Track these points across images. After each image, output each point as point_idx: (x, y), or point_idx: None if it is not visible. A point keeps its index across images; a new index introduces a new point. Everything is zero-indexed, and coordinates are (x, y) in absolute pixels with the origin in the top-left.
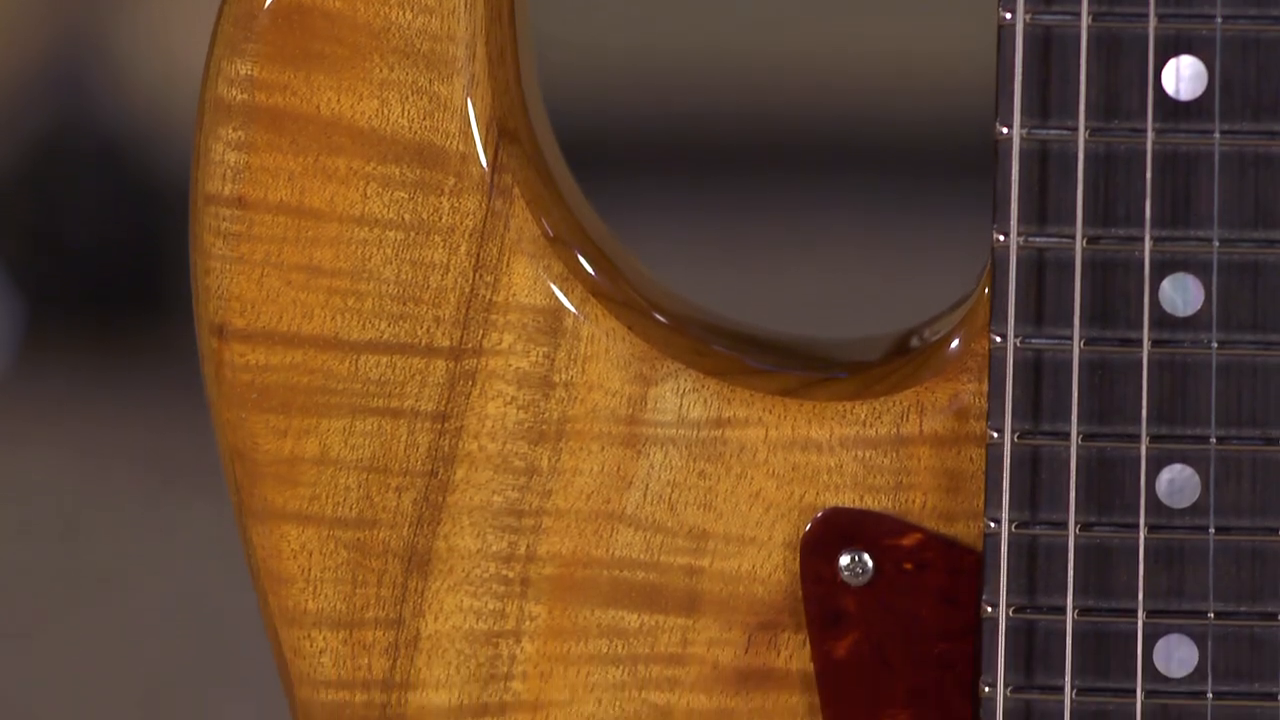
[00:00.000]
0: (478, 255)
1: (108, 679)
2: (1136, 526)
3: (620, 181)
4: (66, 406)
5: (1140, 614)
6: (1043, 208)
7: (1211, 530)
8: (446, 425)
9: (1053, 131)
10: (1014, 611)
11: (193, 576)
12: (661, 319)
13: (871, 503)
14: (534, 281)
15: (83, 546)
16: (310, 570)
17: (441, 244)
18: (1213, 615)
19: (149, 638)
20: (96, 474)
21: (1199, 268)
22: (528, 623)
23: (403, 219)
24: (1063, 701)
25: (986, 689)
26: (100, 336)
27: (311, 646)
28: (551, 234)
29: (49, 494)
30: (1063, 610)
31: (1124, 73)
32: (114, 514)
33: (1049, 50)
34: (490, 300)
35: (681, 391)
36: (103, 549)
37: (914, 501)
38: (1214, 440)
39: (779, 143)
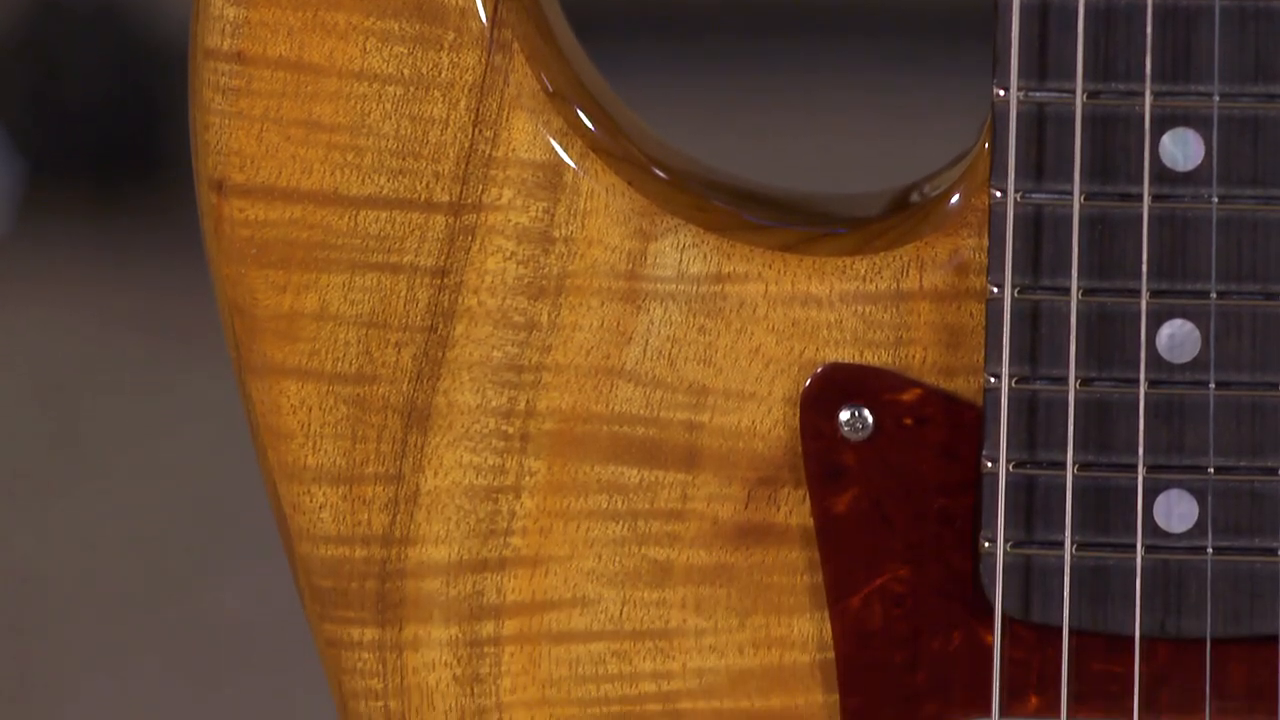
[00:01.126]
0: (477, 110)
1: (110, 542)
2: (1136, 381)
3: (619, 42)
4: (66, 269)
5: (1140, 469)
6: (1043, 62)
7: (1211, 385)
8: (446, 280)
9: None
10: (1014, 467)
11: (193, 438)
12: (661, 174)
13: (871, 358)
14: (533, 137)
15: (83, 409)
16: (309, 425)
17: (441, 99)
18: (1213, 470)
19: (150, 499)
20: (96, 337)
21: (1199, 122)
22: (527, 478)
23: (402, 74)
24: (1062, 557)
25: (986, 544)
26: (100, 198)
27: (311, 502)
28: (551, 89)
29: (49, 357)
30: (1063, 465)
31: None
32: (114, 376)
33: None
34: (490, 155)
35: (681, 246)
36: (103, 411)
37: (914, 357)
38: (1214, 295)
39: (779, 1)
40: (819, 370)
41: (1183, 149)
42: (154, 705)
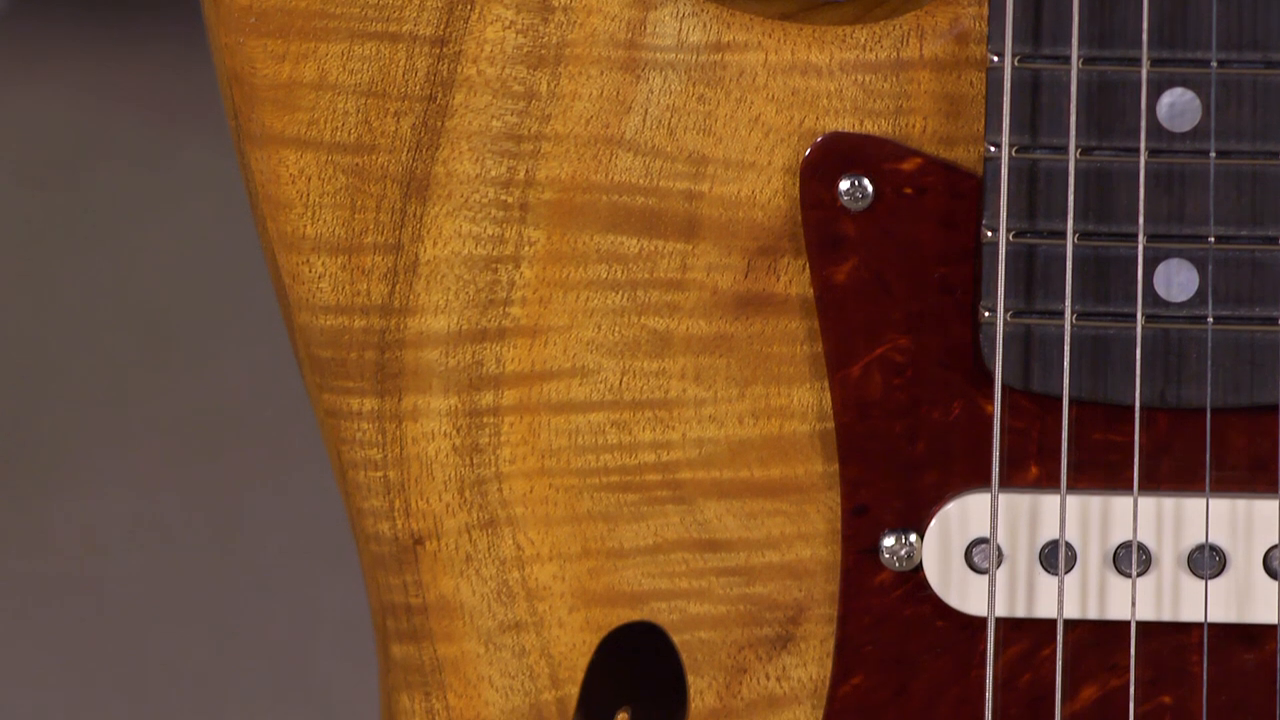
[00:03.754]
0: None
1: (110, 315)
2: (1137, 150)
3: None
4: (65, 45)
5: (1140, 238)
6: None
7: (1212, 154)
8: (445, 50)
9: None
10: (1014, 236)
11: (193, 212)
12: None
13: (871, 127)
14: None
15: (83, 186)
16: (309, 195)
17: None
18: (1213, 239)
19: (150, 273)
20: (96, 111)
21: None
22: (526, 248)
23: None
24: (1062, 326)
25: (986, 314)
26: None
27: (310, 272)
28: None
29: (49, 134)
30: (1063, 235)
31: None
32: (114, 151)
33: None
34: None
35: (680, 15)
36: (103, 188)
37: (914, 126)
38: (1215, 64)
39: None
40: (819, 139)
41: None
42: (155, 480)
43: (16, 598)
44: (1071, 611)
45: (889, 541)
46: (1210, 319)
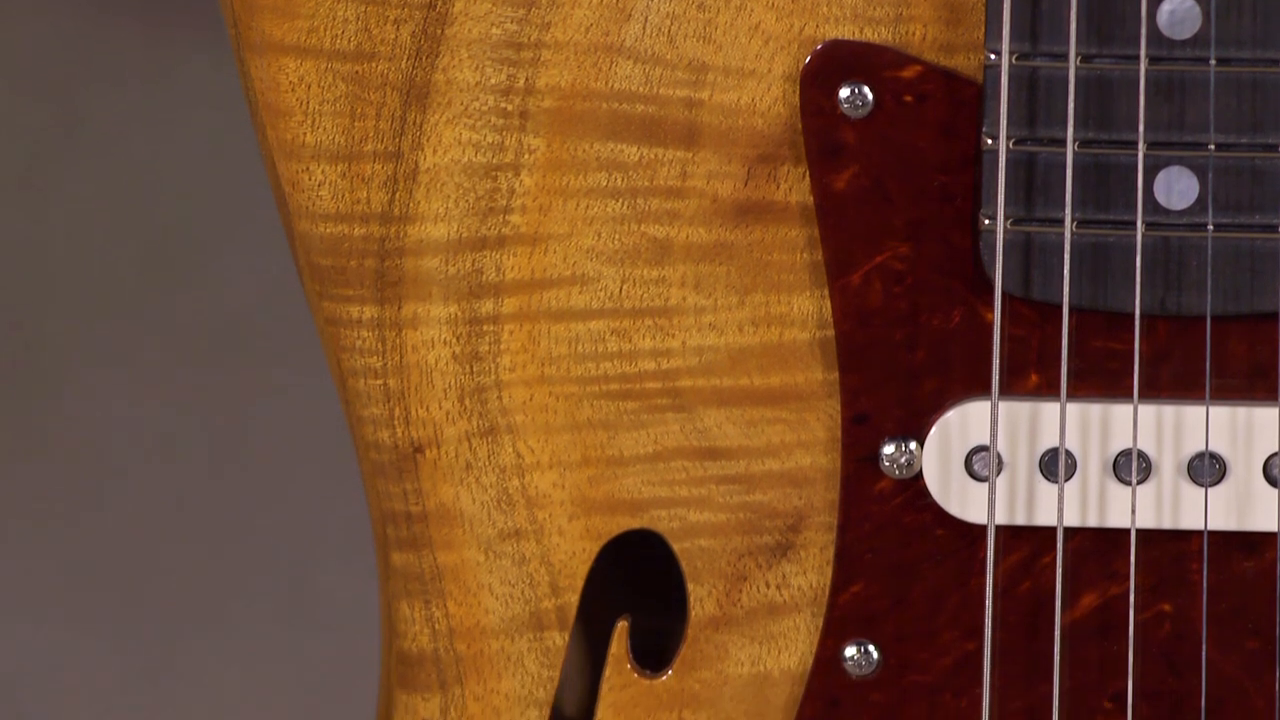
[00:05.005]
0: None
1: (110, 226)
2: (1137, 58)
3: None
4: None
5: (1141, 145)
6: None
7: (1212, 62)
8: None
9: None
10: (1014, 144)
11: (193, 122)
12: None
13: (871, 34)
14: None
15: (83, 98)
16: (308, 103)
17: None
18: (1213, 147)
19: (150, 186)
20: (96, 25)
21: None
22: (526, 156)
23: None
24: (1062, 234)
25: (986, 221)
26: None
27: (310, 179)
28: None
29: (49, 46)
30: (1063, 142)
31: None
32: (113, 63)
33: None
34: None
35: None
36: (103, 100)
37: (914, 33)
38: None
39: None
40: (819, 47)
41: None
42: (155, 390)
43: (17, 508)
44: (1071, 519)
45: (889, 449)
46: (1210, 227)
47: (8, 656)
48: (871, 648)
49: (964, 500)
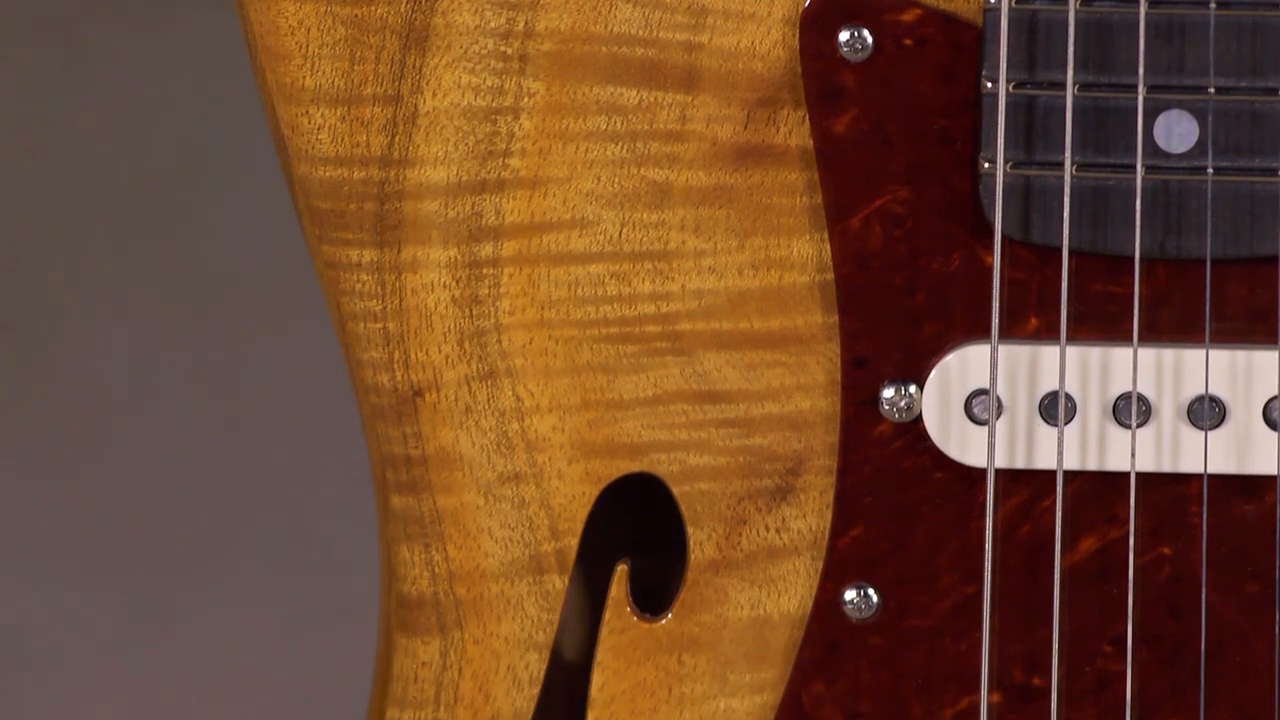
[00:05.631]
0: None
1: (110, 171)
2: (1137, 0)
3: None
4: None
5: (1140, 89)
6: None
7: (1212, 4)
8: None
9: None
10: (1014, 87)
11: (193, 66)
12: None
13: None
14: None
15: (82, 43)
16: (308, 46)
17: None
18: (1213, 90)
19: (150, 127)
20: None
21: None
22: (526, 99)
23: None
24: (1062, 177)
25: (986, 165)
26: None
27: (309, 123)
28: None
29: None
30: (1063, 86)
31: None
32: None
33: None
34: None
35: None
36: (102, 44)
37: None
38: None
39: None
40: None
41: None
42: (155, 335)
43: (17, 455)
44: (1071, 463)
45: (888, 393)
46: (1210, 170)
47: (9, 607)
48: (871, 591)
49: (963, 443)
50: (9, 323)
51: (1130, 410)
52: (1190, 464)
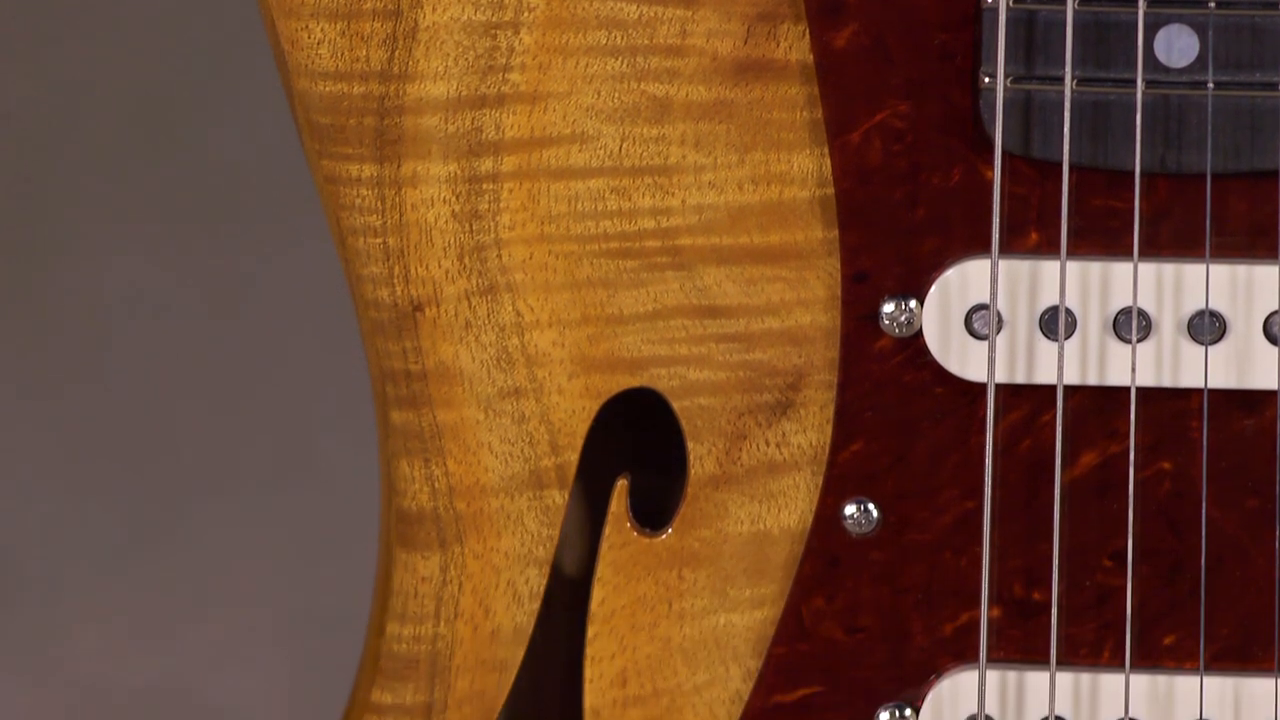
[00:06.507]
0: None
1: (109, 87)
2: None
3: None
4: None
5: (1141, 3)
6: None
7: None
8: None
9: None
10: (1014, 1)
11: None
12: None
13: None
14: None
15: None
16: None
17: None
18: (1213, 4)
19: (148, 44)
20: None
21: None
22: (526, 14)
23: None
24: (1062, 92)
25: (986, 80)
26: None
27: (309, 38)
28: None
29: None
30: None
31: None
32: None
33: None
34: None
35: None
36: None
37: None
38: None
39: None
40: None
41: None
42: (155, 252)
43: (17, 373)
44: (1071, 377)
45: (889, 308)
46: (1210, 84)
47: (8, 524)
48: (871, 506)
49: (964, 358)
50: (9, 242)
51: (1130, 325)
52: (1190, 379)
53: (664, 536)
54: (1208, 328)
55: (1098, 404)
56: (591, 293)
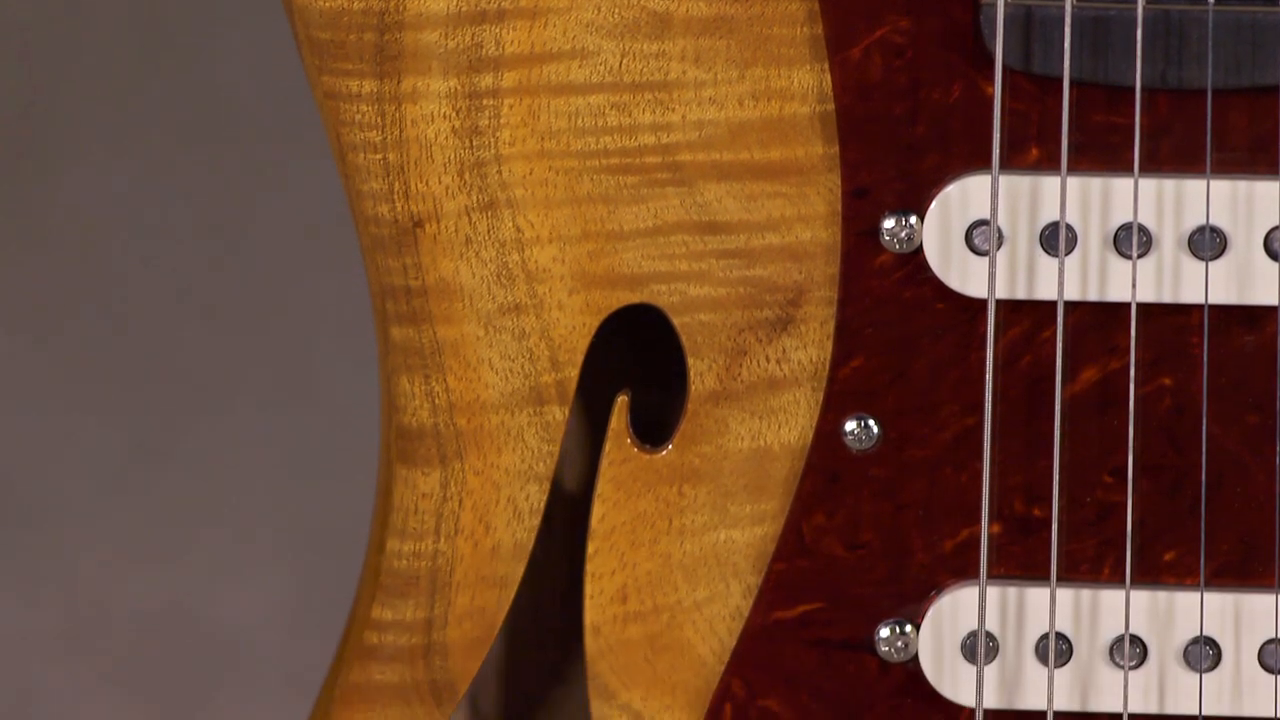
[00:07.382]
0: None
1: (106, 12)
2: None
3: None
4: None
5: None
6: None
7: None
8: None
9: None
10: None
11: None
12: None
13: None
14: None
15: None
16: None
17: None
18: None
19: None
20: None
21: None
22: None
23: None
24: (1063, 7)
25: None
26: None
27: None
28: None
29: None
30: None
31: None
32: None
33: None
34: None
35: None
36: None
37: None
38: None
39: None
40: None
41: None
42: (154, 172)
43: (16, 297)
44: (1072, 293)
45: (889, 223)
46: (1211, 0)
47: (6, 445)
48: (871, 422)
49: (964, 274)
50: (9, 162)
51: (1131, 241)
52: (1191, 294)
53: (664, 453)
54: (1208, 243)
55: (1098, 320)
56: (592, 208)
